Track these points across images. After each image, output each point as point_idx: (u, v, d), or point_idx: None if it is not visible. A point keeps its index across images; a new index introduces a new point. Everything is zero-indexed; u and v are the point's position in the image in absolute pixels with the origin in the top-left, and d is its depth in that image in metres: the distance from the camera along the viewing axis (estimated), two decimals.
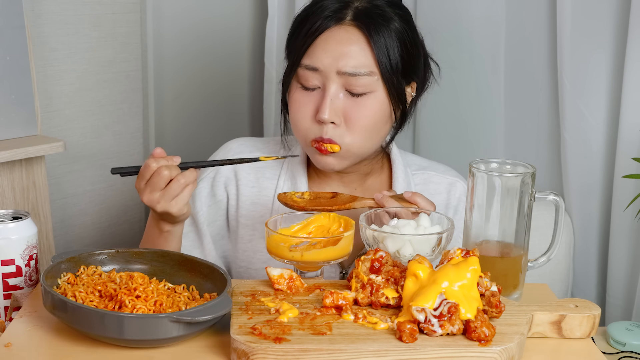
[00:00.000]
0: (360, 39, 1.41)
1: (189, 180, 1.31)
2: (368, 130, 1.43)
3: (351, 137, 1.42)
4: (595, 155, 1.80)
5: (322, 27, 1.41)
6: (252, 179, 1.55)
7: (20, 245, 1.28)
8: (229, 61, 2.32)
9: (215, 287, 1.19)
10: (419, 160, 1.61)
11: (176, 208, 1.32)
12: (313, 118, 1.42)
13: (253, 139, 1.62)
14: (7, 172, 1.82)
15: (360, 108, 1.41)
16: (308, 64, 1.42)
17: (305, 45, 1.42)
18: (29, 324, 1.15)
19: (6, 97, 1.81)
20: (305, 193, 1.40)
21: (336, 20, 1.42)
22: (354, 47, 1.40)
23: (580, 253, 1.90)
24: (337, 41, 1.41)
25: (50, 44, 2.01)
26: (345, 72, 1.40)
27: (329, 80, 1.41)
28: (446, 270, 1.11)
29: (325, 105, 1.40)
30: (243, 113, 2.37)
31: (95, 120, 2.16)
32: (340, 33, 1.41)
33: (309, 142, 1.44)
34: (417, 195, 1.36)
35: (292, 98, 1.45)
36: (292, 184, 1.53)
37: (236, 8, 2.29)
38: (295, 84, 1.45)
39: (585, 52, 1.76)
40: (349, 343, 1.05)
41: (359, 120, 1.41)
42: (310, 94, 1.43)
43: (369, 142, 1.45)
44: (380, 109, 1.43)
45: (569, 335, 1.16)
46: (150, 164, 1.32)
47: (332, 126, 1.41)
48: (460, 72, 1.98)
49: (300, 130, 1.44)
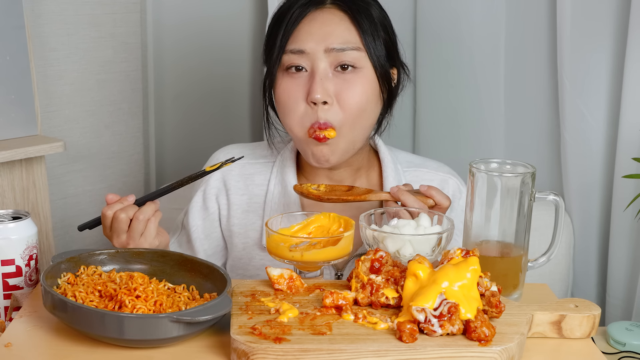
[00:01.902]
0: (344, 19, 1.42)
1: (147, 214, 1.34)
2: (360, 108, 1.42)
3: (344, 116, 1.41)
4: (595, 155, 1.80)
5: (303, 13, 1.42)
6: (241, 187, 1.55)
7: (20, 245, 1.28)
8: (229, 61, 2.32)
9: (215, 287, 1.19)
10: (410, 157, 1.60)
11: (147, 244, 1.35)
12: (305, 101, 1.41)
13: (240, 145, 1.62)
14: (7, 172, 1.82)
15: (350, 86, 1.41)
16: (293, 47, 1.42)
17: (288, 33, 1.42)
18: (29, 324, 1.15)
19: (6, 97, 1.81)
20: (321, 185, 1.41)
21: (316, 4, 1.43)
22: (339, 27, 1.41)
23: (580, 253, 1.90)
24: (321, 22, 1.41)
25: (50, 44, 2.02)
26: (333, 47, 1.40)
27: (316, 60, 1.41)
28: (446, 270, 1.11)
29: (316, 84, 1.39)
30: (243, 113, 2.37)
31: (95, 120, 2.16)
32: (323, 15, 1.42)
33: (305, 132, 1.42)
34: (432, 189, 1.36)
35: (280, 87, 1.44)
36: (282, 187, 1.53)
37: (236, 8, 2.29)
38: (280, 73, 1.44)
39: (585, 52, 1.76)
40: (349, 343, 1.05)
41: (349, 98, 1.41)
42: (298, 78, 1.42)
43: (361, 123, 1.43)
44: (370, 87, 1.43)
45: (569, 335, 1.16)
46: (105, 212, 1.35)
47: (326, 107, 1.40)
48: (460, 72, 1.98)
49: (294, 119, 1.43)
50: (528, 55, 1.90)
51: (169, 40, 2.31)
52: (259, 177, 1.56)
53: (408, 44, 1.99)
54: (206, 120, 2.38)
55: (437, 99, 2.03)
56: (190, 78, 2.34)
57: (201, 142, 2.36)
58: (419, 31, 2.01)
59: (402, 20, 1.93)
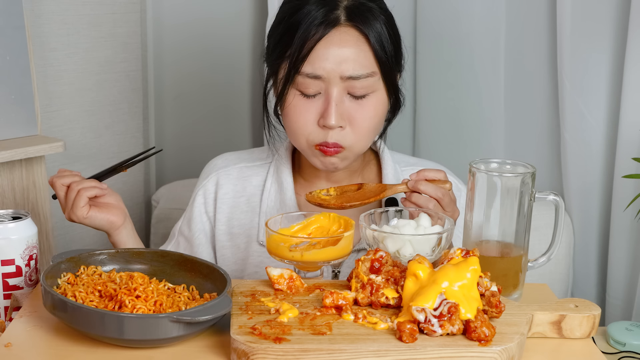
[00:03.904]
0: (358, 39, 1.40)
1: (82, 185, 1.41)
2: (371, 130, 1.44)
3: (355, 138, 1.42)
4: (595, 155, 1.80)
5: (320, 33, 1.38)
6: (239, 190, 1.56)
7: (20, 245, 1.28)
8: (229, 61, 2.32)
9: (215, 287, 1.19)
10: (407, 158, 1.61)
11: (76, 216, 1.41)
12: (316, 123, 1.41)
13: (237, 153, 1.62)
14: (7, 172, 1.82)
15: (364, 110, 1.41)
16: (310, 72, 1.39)
17: (303, 54, 1.39)
18: (29, 324, 1.15)
19: (6, 97, 1.81)
20: (331, 189, 1.41)
21: (332, 24, 1.39)
22: (353, 49, 1.39)
23: (580, 253, 1.90)
24: (336, 45, 1.39)
25: (50, 44, 2.01)
26: (348, 76, 1.39)
27: (331, 86, 1.39)
28: (446, 270, 1.11)
29: (331, 110, 1.39)
30: (243, 113, 2.37)
31: (95, 120, 2.16)
32: (339, 36, 1.40)
33: (311, 145, 1.43)
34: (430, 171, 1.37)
35: (291, 105, 1.43)
36: (278, 186, 1.53)
37: (236, 8, 2.29)
38: (293, 91, 1.42)
39: (585, 52, 1.76)
40: (349, 343, 1.05)
41: (363, 122, 1.41)
42: (312, 100, 1.41)
43: (370, 139, 1.46)
44: (382, 106, 1.44)
45: (569, 335, 1.16)
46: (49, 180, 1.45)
47: (338, 130, 1.41)
48: (460, 72, 1.98)
49: (302, 135, 1.43)
50: (528, 55, 1.90)
51: (169, 40, 2.31)
52: (256, 178, 1.57)
53: (408, 44, 1.99)
54: (206, 120, 2.38)
55: (437, 99, 2.03)
56: (190, 78, 2.34)
57: (201, 142, 2.36)
58: (419, 31, 2.01)
59: (402, 20, 1.93)
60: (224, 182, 1.56)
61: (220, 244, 1.56)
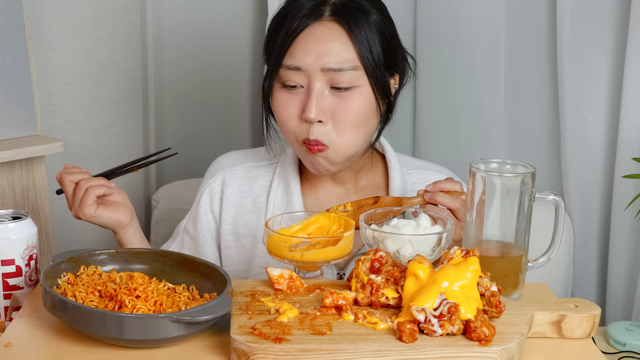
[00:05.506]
0: (341, 34, 1.39)
1: (90, 183, 1.40)
2: (355, 126, 1.41)
3: (338, 135, 1.41)
4: (595, 155, 1.80)
5: (301, 25, 1.39)
6: (245, 190, 1.56)
7: (20, 245, 1.28)
8: (229, 61, 2.32)
9: (215, 287, 1.19)
10: (412, 161, 1.61)
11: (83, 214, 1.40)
12: (299, 117, 1.41)
13: (243, 152, 1.62)
14: (7, 172, 1.82)
15: (346, 104, 1.40)
16: (290, 64, 1.40)
17: (285, 46, 1.40)
18: (29, 324, 1.15)
19: (6, 97, 1.81)
20: (347, 205, 1.39)
21: (315, 17, 1.40)
22: (335, 43, 1.39)
23: (580, 253, 1.90)
24: (318, 38, 1.39)
25: (50, 44, 2.01)
26: (329, 68, 1.38)
27: (313, 79, 1.39)
28: (446, 270, 1.11)
29: (311, 104, 1.38)
30: (243, 112, 2.37)
31: (95, 120, 2.16)
32: (320, 29, 1.39)
33: (299, 142, 1.43)
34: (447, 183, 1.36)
35: (276, 100, 1.43)
36: (285, 187, 1.54)
37: (236, 8, 2.29)
38: (277, 85, 1.43)
39: (585, 52, 1.76)
40: (349, 343, 1.05)
41: (345, 117, 1.40)
42: (294, 93, 1.41)
43: (356, 138, 1.43)
44: (367, 104, 1.42)
45: (569, 335, 1.16)
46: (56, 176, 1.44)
47: (319, 125, 1.40)
48: (460, 72, 1.98)
49: (288, 131, 1.43)
50: (528, 55, 1.90)
51: (169, 41, 2.31)
52: (263, 178, 1.56)
53: (408, 44, 1.99)
54: (206, 120, 2.38)
55: (437, 99, 2.03)
56: (190, 78, 2.34)
57: (201, 142, 2.36)
58: (419, 31, 2.01)
59: (402, 20, 1.93)
60: (230, 182, 1.56)
61: (225, 243, 1.56)
